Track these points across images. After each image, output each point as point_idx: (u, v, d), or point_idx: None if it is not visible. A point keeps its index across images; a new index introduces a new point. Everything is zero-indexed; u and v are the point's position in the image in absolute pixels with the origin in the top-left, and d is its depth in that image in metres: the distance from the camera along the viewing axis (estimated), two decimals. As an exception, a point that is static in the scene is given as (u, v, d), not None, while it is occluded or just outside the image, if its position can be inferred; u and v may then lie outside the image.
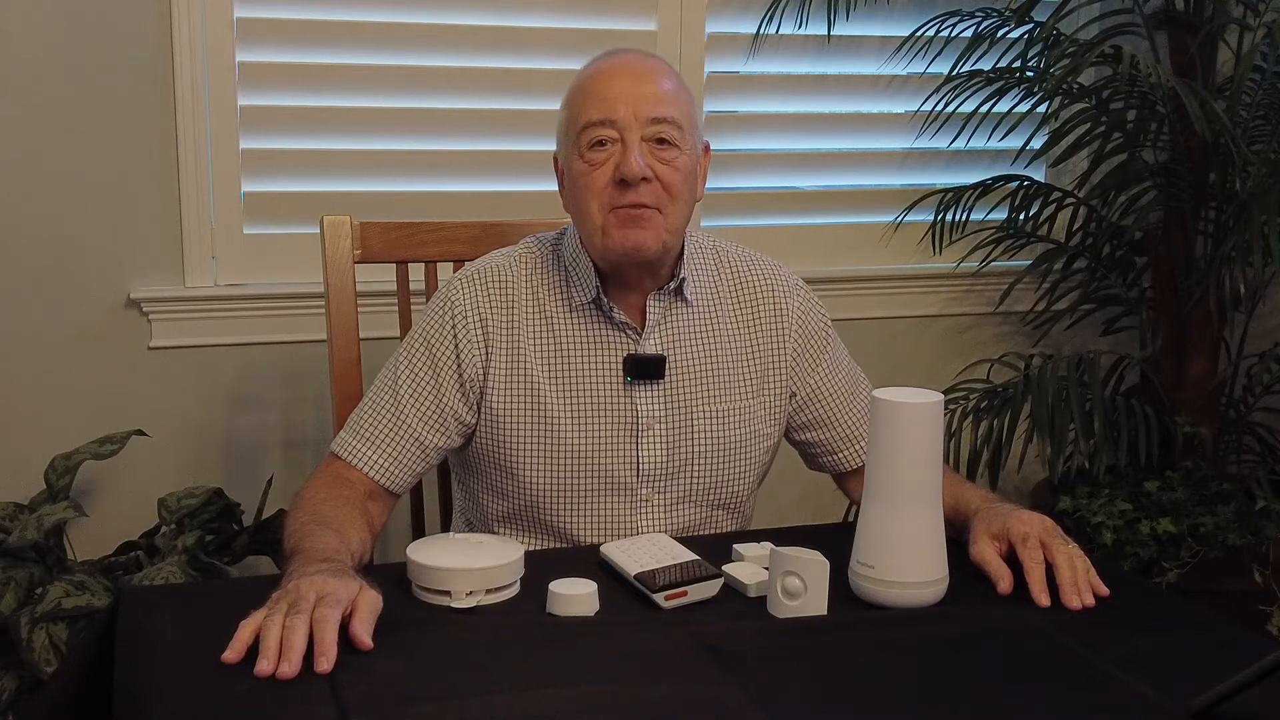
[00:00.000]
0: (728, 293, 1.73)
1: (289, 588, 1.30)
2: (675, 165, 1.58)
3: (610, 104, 1.57)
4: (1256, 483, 2.44)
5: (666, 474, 1.67)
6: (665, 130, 1.57)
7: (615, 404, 1.65)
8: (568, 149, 1.63)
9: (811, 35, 2.69)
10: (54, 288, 2.34)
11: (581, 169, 1.59)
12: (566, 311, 1.66)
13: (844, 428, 1.77)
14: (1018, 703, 1.22)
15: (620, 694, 1.20)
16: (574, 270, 1.66)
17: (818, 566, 1.39)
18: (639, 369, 1.64)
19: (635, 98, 1.57)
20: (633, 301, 1.66)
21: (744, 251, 1.77)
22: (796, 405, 1.75)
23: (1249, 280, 2.52)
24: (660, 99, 1.58)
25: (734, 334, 1.71)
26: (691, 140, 1.61)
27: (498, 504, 1.70)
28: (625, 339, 1.66)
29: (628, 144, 1.56)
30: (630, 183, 1.55)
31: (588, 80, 1.62)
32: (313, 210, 2.12)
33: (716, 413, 1.68)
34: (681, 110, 1.60)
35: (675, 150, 1.58)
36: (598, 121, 1.57)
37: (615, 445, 1.65)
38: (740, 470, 1.71)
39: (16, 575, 2.06)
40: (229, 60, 2.36)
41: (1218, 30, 2.56)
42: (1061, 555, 1.46)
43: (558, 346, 1.65)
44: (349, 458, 1.64)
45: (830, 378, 1.76)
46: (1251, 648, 1.34)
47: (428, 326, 1.67)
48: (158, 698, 1.19)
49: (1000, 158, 2.85)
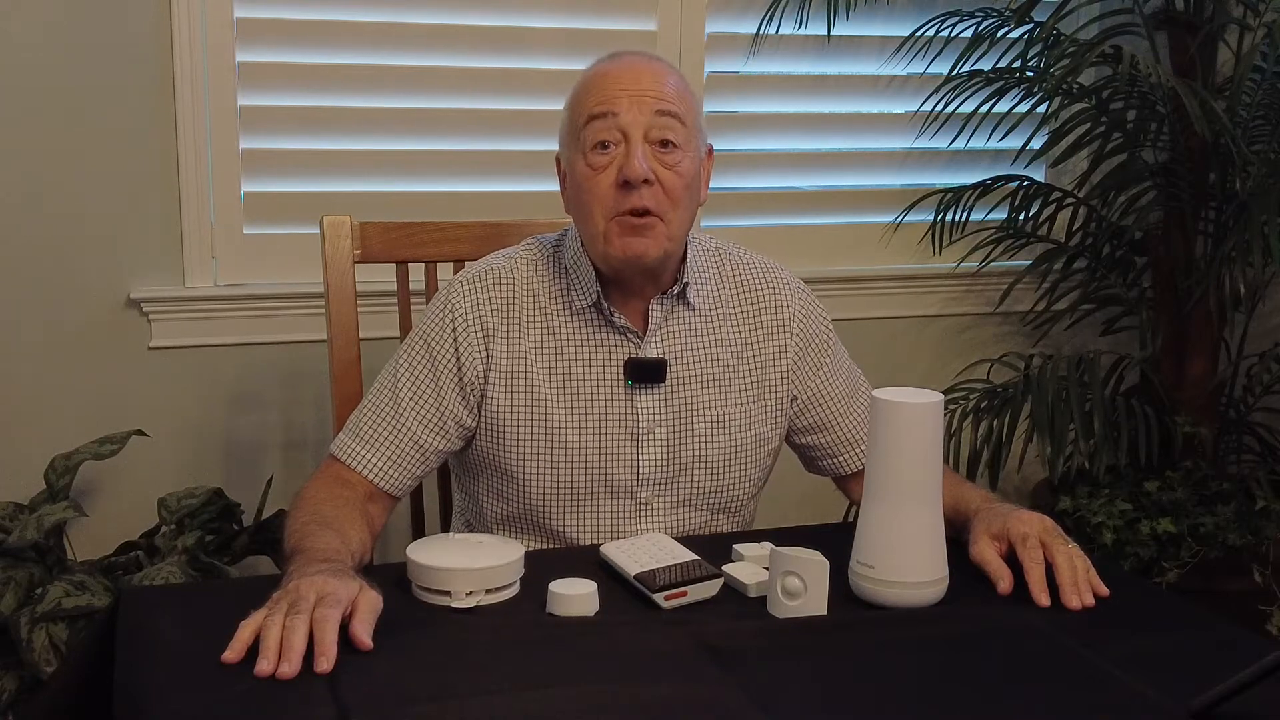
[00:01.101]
0: (729, 296, 1.72)
1: (289, 588, 1.30)
2: (678, 170, 1.57)
3: (613, 97, 1.57)
4: (1256, 483, 2.44)
5: (666, 478, 1.67)
6: (669, 127, 1.57)
7: (616, 408, 1.64)
8: (571, 149, 1.62)
9: (811, 35, 2.69)
10: (54, 288, 2.34)
11: (585, 172, 1.58)
12: (567, 314, 1.65)
13: (844, 431, 1.77)
14: (1018, 703, 1.22)
15: (620, 694, 1.20)
16: (574, 273, 1.65)
17: (818, 566, 1.39)
18: (640, 373, 1.64)
19: (638, 91, 1.57)
20: (634, 305, 1.66)
21: (746, 253, 1.77)
22: (797, 409, 1.75)
23: (1249, 280, 2.52)
24: (663, 94, 1.58)
25: (735, 337, 1.71)
26: (695, 142, 1.61)
27: (497, 506, 1.70)
28: (626, 342, 1.65)
29: (631, 144, 1.55)
30: (633, 184, 1.55)
31: (591, 78, 1.62)
32: (313, 210, 2.12)
33: (717, 417, 1.68)
34: (685, 107, 1.59)
35: (679, 153, 1.58)
36: (600, 114, 1.56)
37: (615, 449, 1.65)
38: (740, 474, 1.71)
39: (16, 575, 2.06)
40: (229, 60, 2.36)
41: (1218, 30, 2.56)
42: (1061, 555, 1.46)
43: (558, 349, 1.65)
44: (348, 460, 1.64)
45: (831, 382, 1.75)
46: (1251, 648, 1.34)
47: (428, 329, 1.67)
48: (158, 698, 1.19)
49: (1000, 158, 2.85)
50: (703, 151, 1.65)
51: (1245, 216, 2.41)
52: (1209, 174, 2.58)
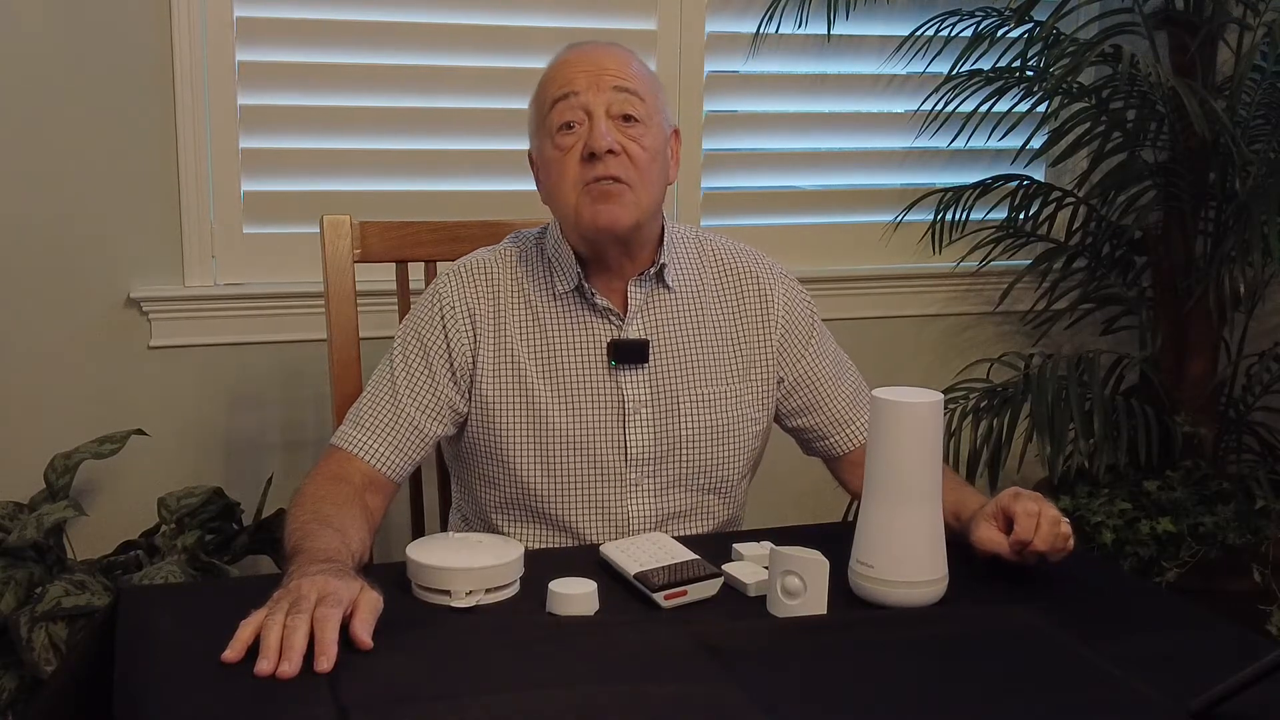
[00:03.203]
0: (711, 280, 1.76)
1: (290, 587, 1.30)
2: (642, 143, 1.63)
3: (572, 78, 1.64)
4: (1256, 482, 2.44)
5: (655, 458, 1.69)
6: (629, 103, 1.63)
7: (601, 389, 1.68)
8: (539, 136, 1.68)
9: (811, 35, 2.69)
10: (54, 288, 2.34)
11: (553, 155, 1.64)
12: (550, 300, 1.70)
13: (833, 411, 1.78)
14: (1017, 702, 1.22)
15: (620, 694, 1.20)
16: (556, 260, 1.70)
17: (818, 566, 1.39)
18: (623, 353, 1.68)
19: (598, 71, 1.64)
20: (615, 287, 1.70)
21: (727, 242, 1.80)
22: (785, 391, 1.78)
23: (1249, 280, 2.52)
24: (621, 73, 1.65)
25: (718, 321, 1.74)
26: (658, 118, 1.67)
27: (491, 493, 1.72)
28: (608, 324, 1.69)
29: (594, 118, 1.61)
30: (598, 155, 1.60)
31: (552, 67, 1.70)
32: (313, 210, 2.12)
33: (702, 396, 1.71)
34: (644, 86, 1.66)
35: (641, 126, 1.63)
36: (562, 95, 1.63)
37: (603, 430, 1.67)
38: (729, 454, 1.73)
39: (16, 575, 2.06)
40: (229, 60, 2.36)
41: (1218, 30, 2.56)
42: (1049, 514, 1.49)
43: (543, 334, 1.69)
44: (349, 447, 1.66)
45: (817, 363, 1.78)
46: (1251, 648, 1.34)
47: (418, 320, 1.72)
48: (158, 698, 1.19)
49: (1000, 157, 2.85)
50: (668, 130, 1.70)
51: (1245, 216, 2.41)
52: (1209, 174, 2.58)
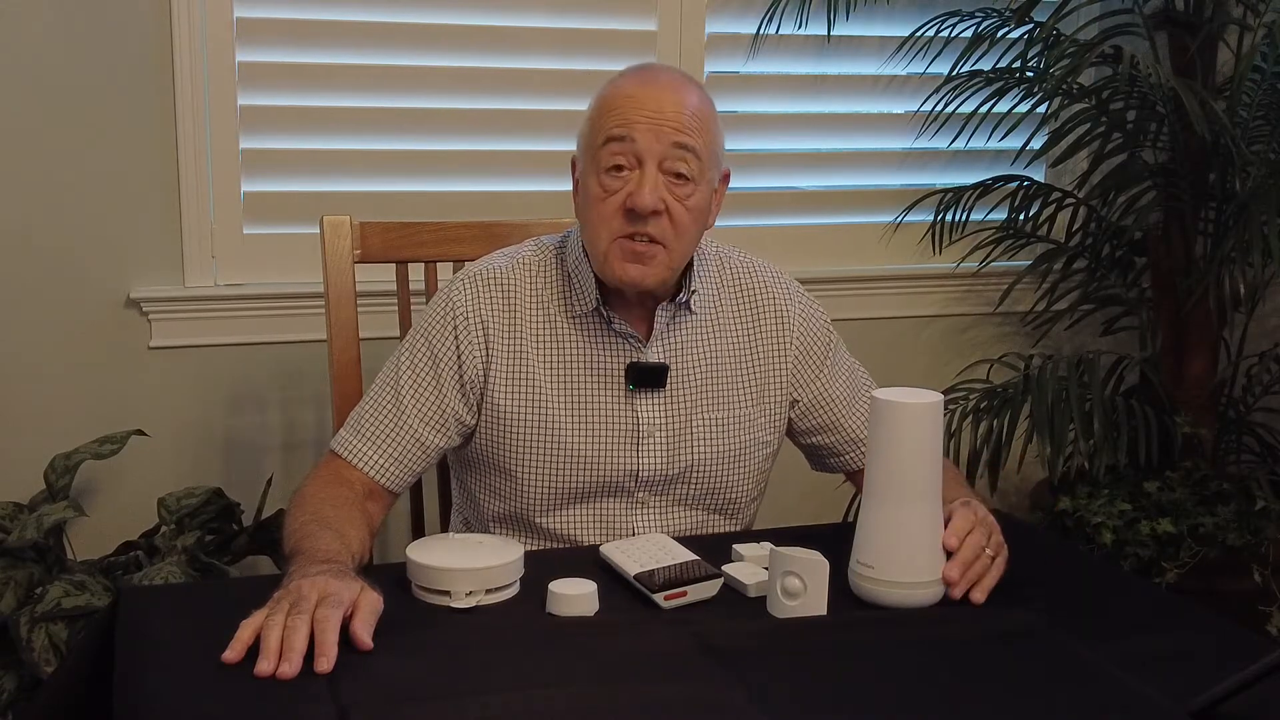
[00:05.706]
0: (730, 300, 1.73)
1: (291, 588, 1.30)
2: (688, 204, 1.57)
3: (633, 121, 1.55)
4: (1256, 483, 2.44)
5: (665, 480, 1.68)
6: (684, 159, 1.56)
7: (616, 411, 1.65)
8: (586, 162, 1.61)
9: (811, 35, 2.69)
10: (54, 288, 2.34)
11: (596, 193, 1.58)
12: (568, 317, 1.66)
13: (849, 430, 1.77)
14: (1017, 702, 1.22)
15: (620, 694, 1.21)
16: (576, 278, 1.66)
17: (818, 566, 1.39)
18: (642, 377, 1.65)
19: (659, 119, 1.55)
20: (635, 312, 1.66)
21: (746, 258, 1.77)
22: (801, 411, 1.76)
23: (1249, 280, 2.52)
24: (683, 124, 1.56)
25: (736, 342, 1.72)
26: (710, 174, 1.60)
27: (494, 504, 1.70)
28: (628, 347, 1.66)
29: (644, 173, 1.55)
30: (640, 214, 1.55)
31: (614, 95, 1.59)
32: (313, 210, 2.12)
33: (716, 420, 1.69)
34: (704, 139, 1.58)
35: (690, 186, 1.57)
36: (618, 137, 1.55)
37: (615, 451, 1.65)
38: (739, 477, 1.72)
39: (16, 575, 2.06)
40: (229, 60, 2.36)
41: (1218, 30, 2.56)
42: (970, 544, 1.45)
43: (561, 350, 1.65)
44: (349, 456, 1.64)
45: (832, 384, 1.76)
46: (1251, 648, 1.34)
47: (429, 326, 1.67)
48: (158, 698, 1.19)
49: (1000, 158, 2.85)
50: (716, 180, 1.64)
51: (1245, 216, 2.41)
52: (1209, 174, 2.58)
